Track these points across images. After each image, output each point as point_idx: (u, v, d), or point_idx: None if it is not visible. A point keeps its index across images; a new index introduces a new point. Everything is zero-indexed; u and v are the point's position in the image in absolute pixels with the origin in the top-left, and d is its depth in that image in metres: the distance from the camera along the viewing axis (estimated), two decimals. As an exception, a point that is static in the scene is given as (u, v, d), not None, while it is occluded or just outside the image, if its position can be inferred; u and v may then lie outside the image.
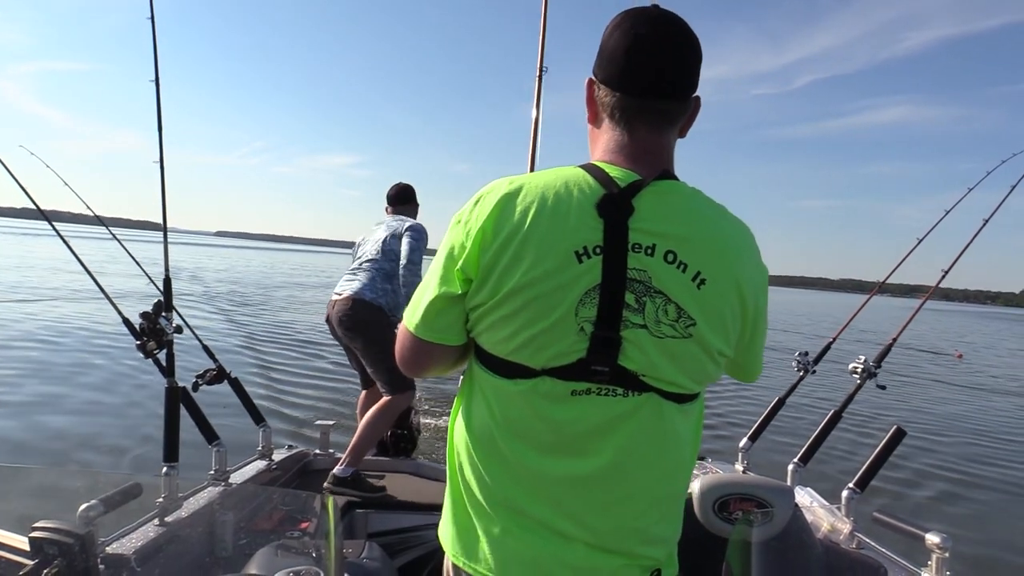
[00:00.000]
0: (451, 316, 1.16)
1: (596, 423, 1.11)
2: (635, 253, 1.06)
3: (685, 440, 1.17)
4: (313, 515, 1.86)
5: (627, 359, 1.07)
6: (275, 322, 15.49)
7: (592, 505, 1.13)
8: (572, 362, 1.08)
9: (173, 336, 2.44)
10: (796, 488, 2.91)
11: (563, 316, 1.06)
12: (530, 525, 1.14)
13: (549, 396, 1.10)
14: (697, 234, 1.09)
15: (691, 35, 1.12)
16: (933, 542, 2.04)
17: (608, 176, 1.10)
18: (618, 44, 1.11)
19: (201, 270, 31.19)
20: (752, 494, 1.71)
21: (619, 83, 1.12)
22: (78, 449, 5.90)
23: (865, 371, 2.96)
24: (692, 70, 1.13)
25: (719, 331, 1.11)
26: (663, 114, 1.13)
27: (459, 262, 1.11)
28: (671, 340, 1.07)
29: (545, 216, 1.07)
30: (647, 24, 1.11)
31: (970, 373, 18.70)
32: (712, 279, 1.08)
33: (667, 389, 1.11)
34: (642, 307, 1.06)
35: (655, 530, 1.17)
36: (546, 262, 1.06)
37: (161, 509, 2.24)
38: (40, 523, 1.42)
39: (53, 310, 13.97)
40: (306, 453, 3.70)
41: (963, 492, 6.99)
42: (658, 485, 1.17)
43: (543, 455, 1.13)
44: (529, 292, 1.06)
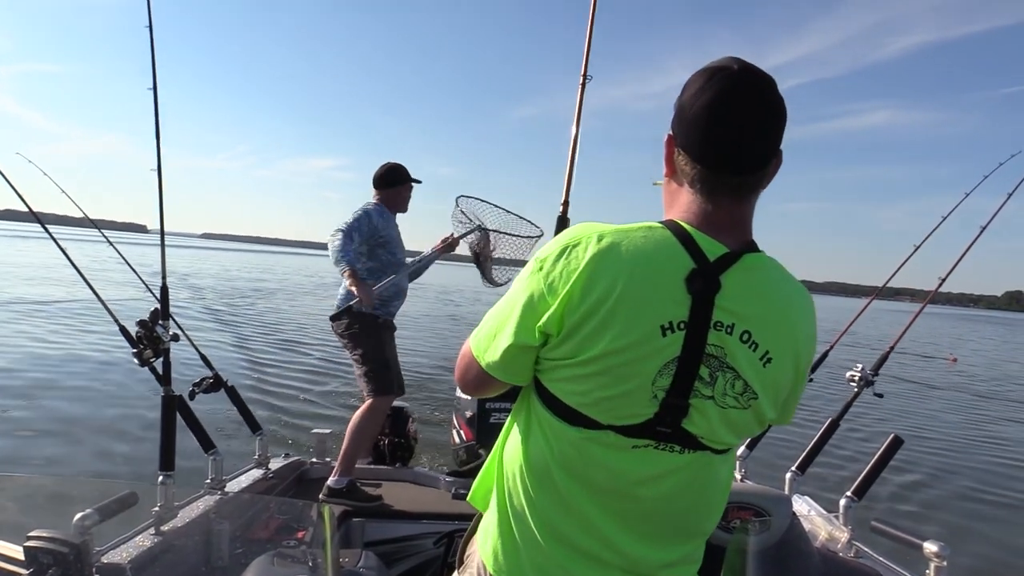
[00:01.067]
0: (523, 361, 1.18)
1: (651, 474, 1.15)
2: (716, 331, 1.08)
3: (725, 484, 1.25)
4: (310, 524, 1.85)
5: (691, 424, 1.11)
6: (271, 329, 15.47)
7: (634, 539, 1.18)
8: (639, 423, 1.11)
9: (170, 344, 2.44)
10: (794, 497, 2.91)
11: (640, 385, 1.08)
12: (572, 553, 1.18)
13: (610, 447, 1.14)
14: (770, 315, 1.12)
15: (774, 100, 1.09)
16: (931, 551, 2.04)
17: (696, 246, 1.10)
18: (699, 114, 1.08)
19: (192, 275, 31.17)
20: (750, 503, 1.72)
21: (699, 155, 1.10)
22: (73, 457, 5.87)
23: (863, 379, 2.96)
24: (776, 140, 1.11)
25: (774, 402, 1.16)
26: (747, 186, 1.12)
27: (541, 317, 1.11)
28: (733, 411, 1.12)
29: (635, 286, 1.07)
30: (729, 94, 1.07)
31: (964, 378, 18.74)
32: (777, 358, 1.12)
33: (719, 447, 1.16)
34: (714, 381, 1.10)
35: (692, 554, 1.26)
36: (632, 333, 1.07)
37: (157, 518, 2.23)
38: (35, 532, 1.41)
39: (48, 317, 13.94)
40: (303, 462, 3.69)
41: (961, 501, 6.99)
42: (698, 522, 1.24)
43: (595, 495, 1.17)
44: (612, 360, 1.08)
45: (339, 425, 6.55)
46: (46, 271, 25.40)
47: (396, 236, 3.70)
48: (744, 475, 3.32)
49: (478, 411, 3.76)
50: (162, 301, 2.47)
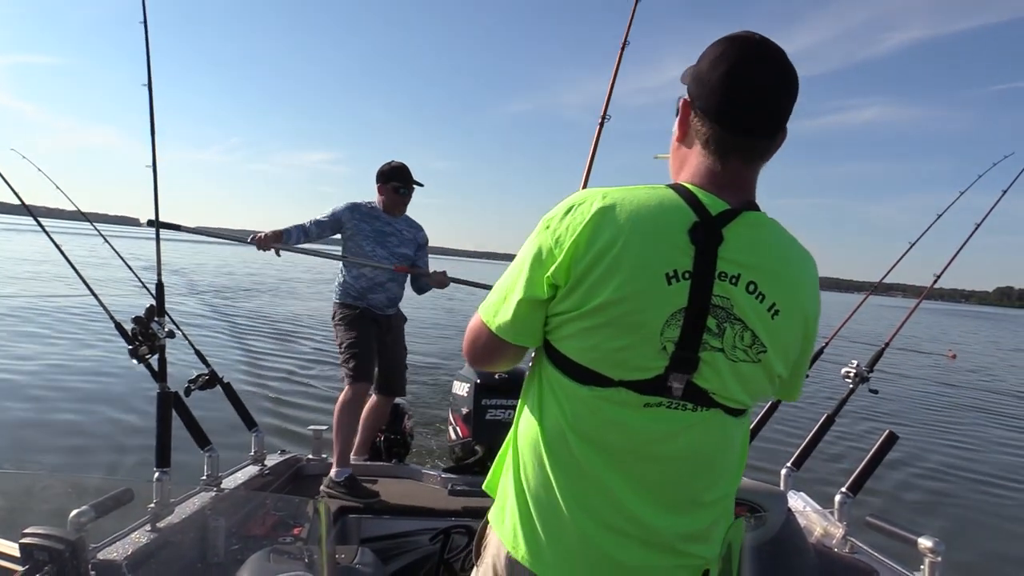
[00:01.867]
0: (534, 319, 1.19)
1: (665, 432, 1.15)
2: (720, 281, 1.10)
3: (739, 447, 1.25)
4: (306, 520, 1.85)
5: (702, 379, 1.12)
6: (267, 325, 15.44)
7: (650, 506, 1.17)
8: (650, 378, 1.12)
9: (165, 341, 2.43)
10: (789, 492, 2.92)
11: (648, 335, 1.10)
12: (590, 523, 1.17)
13: (623, 405, 1.14)
14: (776, 267, 1.14)
15: (792, 72, 1.15)
16: (926, 546, 2.05)
17: (699, 202, 1.13)
18: (720, 77, 1.12)
19: (183, 269, 31.09)
20: (745, 498, 1.72)
21: (717, 117, 1.14)
22: (69, 454, 5.86)
23: (858, 376, 2.97)
24: (788, 109, 1.16)
25: (783, 358, 1.18)
26: (757, 150, 1.17)
27: (548, 269, 1.14)
28: (743, 364, 1.13)
29: (639, 235, 1.10)
30: (751, 60, 1.12)
31: (963, 374, 18.79)
32: (784, 311, 1.14)
33: (731, 405, 1.16)
34: (722, 332, 1.11)
35: (707, 531, 1.22)
36: (638, 282, 1.09)
37: (153, 515, 2.23)
38: (30, 529, 1.41)
39: (43, 312, 13.90)
40: (299, 458, 3.68)
41: (956, 496, 7.01)
42: (713, 488, 1.21)
43: (610, 459, 1.17)
44: (618, 308, 1.10)
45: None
46: (35, 265, 25.31)
47: (370, 231, 3.75)
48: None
49: (474, 408, 3.76)
50: (158, 298, 2.46)
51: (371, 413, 3.91)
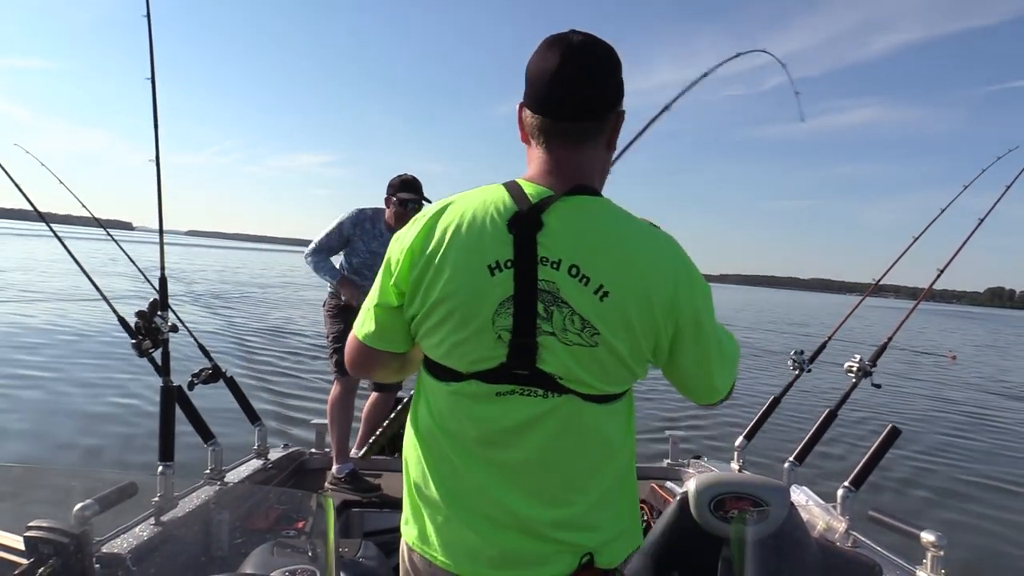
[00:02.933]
0: (392, 325, 1.27)
1: (519, 420, 1.18)
2: (543, 266, 1.14)
3: (610, 436, 1.24)
4: (309, 514, 1.86)
5: (543, 363, 1.16)
6: (269, 321, 15.47)
7: (518, 495, 1.21)
8: (494, 367, 1.17)
9: (169, 335, 2.43)
10: (791, 487, 2.92)
11: (481, 326, 1.16)
12: (465, 514, 1.22)
13: (475, 397, 1.20)
14: (601, 249, 1.15)
15: (605, 59, 1.18)
16: (928, 540, 2.05)
17: (523, 193, 1.18)
18: (536, 69, 1.19)
19: (178, 273, 31.13)
20: (748, 493, 1.72)
21: (537, 106, 1.19)
22: (73, 448, 5.88)
23: (861, 370, 2.96)
24: (603, 91, 1.19)
25: (625, 341, 1.16)
26: (577, 133, 1.19)
27: (393, 277, 1.23)
28: (579, 348, 1.15)
29: (462, 233, 1.17)
30: (562, 50, 1.16)
31: (963, 373, 18.78)
32: (615, 292, 1.13)
33: (584, 391, 1.18)
34: (550, 316, 1.14)
35: (584, 519, 1.23)
36: (462, 276, 1.16)
37: (157, 508, 2.24)
38: (35, 522, 1.41)
39: (46, 308, 13.92)
40: (302, 452, 3.69)
41: (958, 491, 7.01)
42: (581, 477, 1.22)
43: (474, 451, 1.22)
44: (450, 303, 1.17)
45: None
46: (34, 263, 25.37)
47: (365, 251, 3.70)
48: (742, 465, 3.33)
49: None
50: (161, 292, 2.46)
51: (371, 409, 3.92)
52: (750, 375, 13.51)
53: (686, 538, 1.78)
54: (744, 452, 3.34)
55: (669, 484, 3.46)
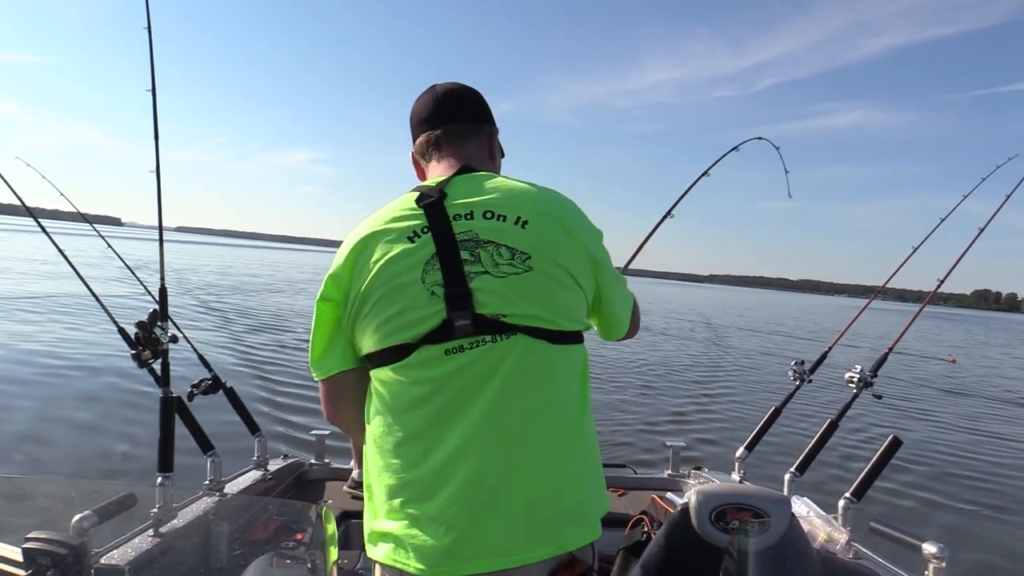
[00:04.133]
0: (335, 343, 1.36)
1: (474, 372, 1.20)
2: (456, 221, 1.26)
3: (567, 372, 1.26)
4: (309, 525, 1.85)
5: (481, 305, 1.21)
6: (271, 329, 15.45)
7: (484, 462, 1.19)
8: (438, 324, 1.21)
9: (168, 346, 2.43)
10: (793, 498, 2.91)
11: (415, 288, 1.23)
12: (434, 503, 1.20)
13: (428, 362, 1.22)
14: (505, 195, 1.30)
15: (462, 87, 1.49)
16: (930, 552, 2.04)
17: (424, 186, 1.36)
18: (417, 107, 1.47)
19: (171, 268, 31.10)
20: (748, 504, 1.71)
21: (427, 126, 1.45)
22: (71, 459, 5.86)
23: (861, 381, 2.96)
24: (469, 102, 1.47)
25: (555, 261, 1.25)
26: (457, 132, 1.44)
27: (328, 291, 1.35)
28: (514, 277, 1.22)
29: (378, 226, 1.31)
30: (432, 88, 1.48)
31: (963, 377, 18.74)
32: (533, 219, 1.26)
33: (532, 325, 1.22)
34: (478, 258, 1.23)
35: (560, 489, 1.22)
36: (386, 252, 1.26)
37: (155, 519, 2.23)
38: (33, 534, 1.41)
39: (44, 316, 13.92)
40: (302, 463, 3.68)
41: (960, 502, 6.98)
42: (544, 430, 1.22)
43: (433, 422, 1.21)
44: (380, 281, 1.25)
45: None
46: (28, 265, 25.35)
47: None
48: (743, 476, 3.32)
49: None
50: (161, 302, 2.46)
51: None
52: (751, 385, 13.49)
53: (687, 549, 1.77)
54: (745, 463, 3.33)
55: (669, 495, 3.44)
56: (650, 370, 14.08)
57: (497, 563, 1.17)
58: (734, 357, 18.65)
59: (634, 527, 2.46)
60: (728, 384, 13.34)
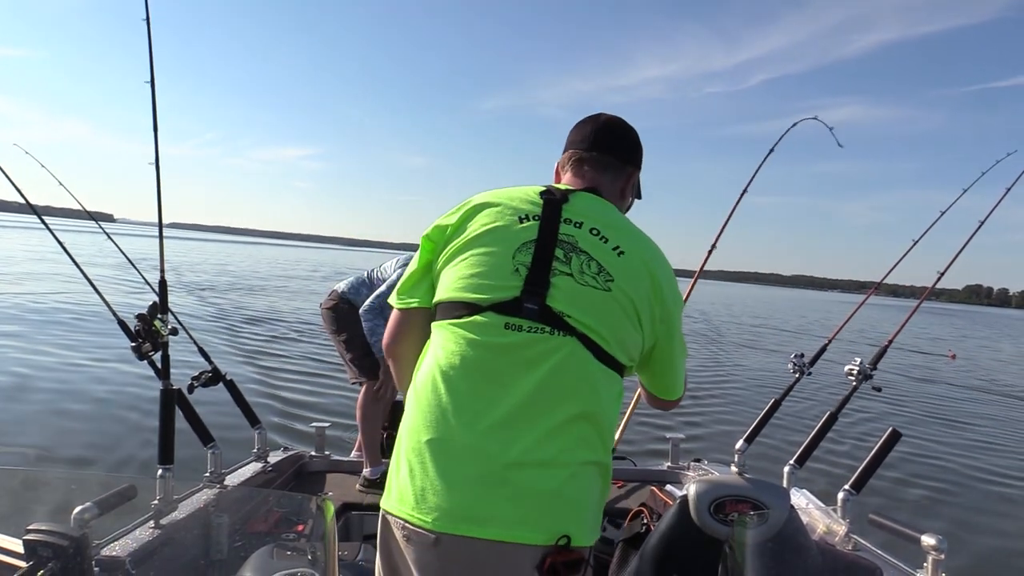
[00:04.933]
0: (420, 280, 1.49)
1: (526, 355, 1.30)
2: (566, 225, 1.39)
3: (603, 391, 1.33)
4: (309, 517, 1.85)
5: (553, 300, 1.32)
6: (271, 321, 15.46)
7: (510, 427, 1.26)
8: (509, 299, 1.32)
9: (169, 338, 2.43)
10: (792, 490, 2.91)
11: (502, 257, 1.36)
12: (435, 461, 1.27)
13: (486, 329, 1.32)
14: (614, 223, 1.43)
15: (624, 125, 1.61)
16: (929, 544, 2.04)
17: (553, 187, 1.51)
18: (580, 126, 1.61)
19: (175, 267, 31.12)
20: (748, 496, 1.72)
21: (578, 143, 1.59)
22: (72, 451, 5.88)
23: (861, 373, 2.96)
24: (622, 142, 1.60)
25: (633, 294, 1.35)
26: (601, 162, 1.57)
27: (435, 232, 1.48)
28: (592, 289, 1.33)
29: (501, 198, 1.45)
30: (599, 117, 1.63)
31: (963, 372, 18.76)
32: (628, 253, 1.38)
33: (588, 335, 1.32)
34: (569, 261, 1.35)
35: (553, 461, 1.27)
36: (495, 221, 1.41)
37: (156, 511, 2.24)
38: (34, 525, 1.41)
39: (42, 310, 13.92)
40: (302, 455, 3.69)
41: (959, 494, 7.01)
42: (571, 432, 1.29)
43: (476, 384, 1.30)
44: (481, 238, 1.39)
45: (338, 418, 6.57)
46: (22, 260, 25.34)
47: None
48: (742, 468, 3.33)
49: None
50: (161, 295, 2.46)
51: (367, 412, 3.81)
52: (750, 378, 13.51)
53: (686, 541, 1.77)
54: (744, 455, 3.33)
55: (669, 487, 3.45)
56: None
57: (495, 533, 1.23)
58: (732, 351, 18.67)
59: (634, 519, 2.46)
60: (728, 377, 13.36)
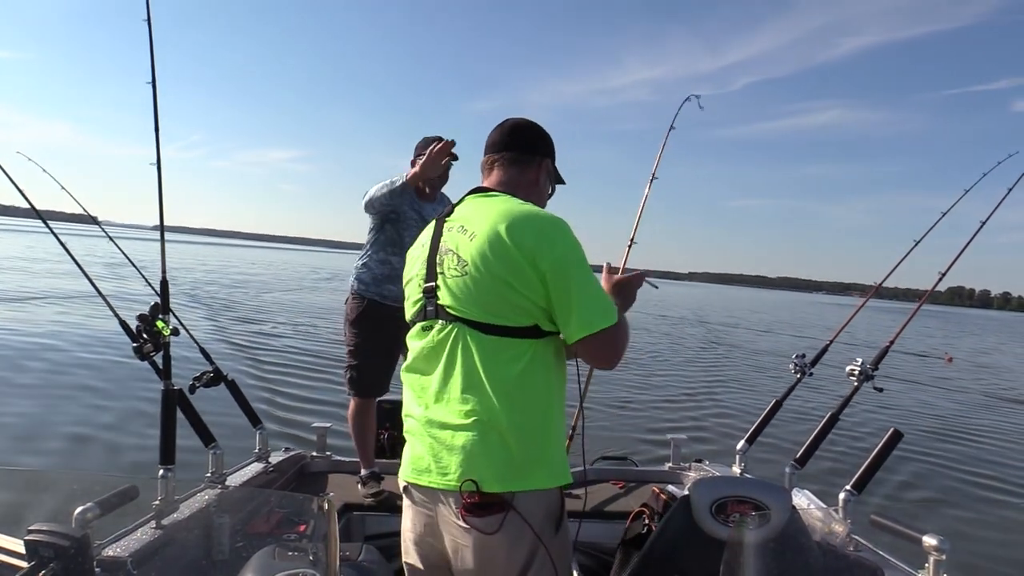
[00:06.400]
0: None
1: (433, 344, 1.66)
2: (447, 233, 1.69)
3: (499, 364, 1.58)
4: (311, 517, 1.85)
5: (440, 298, 1.64)
6: (272, 322, 15.47)
7: (429, 404, 1.66)
8: (420, 308, 1.70)
9: (170, 338, 2.43)
10: (793, 490, 2.91)
11: (414, 279, 1.74)
12: (410, 431, 1.73)
13: (416, 335, 1.72)
14: (482, 213, 1.66)
15: (526, 123, 1.88)
16: (930, 544, 2.04)
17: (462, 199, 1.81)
18: (490, 133, 1.89)
19: (156, 265, 31.08)
20: (749, 496, 1.72)
21: (489, 149, 1.86)
22: (74, 451, 5.88)
23: (862, 374, 2.96)
24: (525, 138, 1.85)
25: (492, 271, 1.56)
26: (508, 160, 1.83)
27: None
28: (456, 279, 1.61)
29: (423, 235, 1.83)
30: (501, 122, 1.89)
31: (960, 373, 18.74)
32: (481, 233, 1.60)
33: (467, 317, 1.59)
34: (442, 263, 1.66)
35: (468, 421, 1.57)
36: (413, 251, 1.82)
37: (157, 512, 2.23)
38: (36, 526, 1.41)
39: (45, 311, 13.93)
40: (303, 455, 3.68)
41: (960, 494, 7.00)
42: (471, 393, 1.58)
43: (415, 372, 1.72)
44: (409, 270, 1.80)
45: (339, 419, 6.57)
46: (30, 264, 25.36)
47: (410, 216, 3.29)
48: (744, 469, 3.33)
49: None
50: (162, 295, 2.47)
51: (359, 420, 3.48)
52: (751, 379, 13.50)
53: (688, 542, 1.77)
54: (746, 455, 3.33)
55: (670, 488, 3.45)
56: (648, 365, 14.10)
57: (424, 480, 1.63)
58: (730, 352, 18.66)
59: (635, 520, 2.46)
60: (729, 377, 13.36)
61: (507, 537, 1.54)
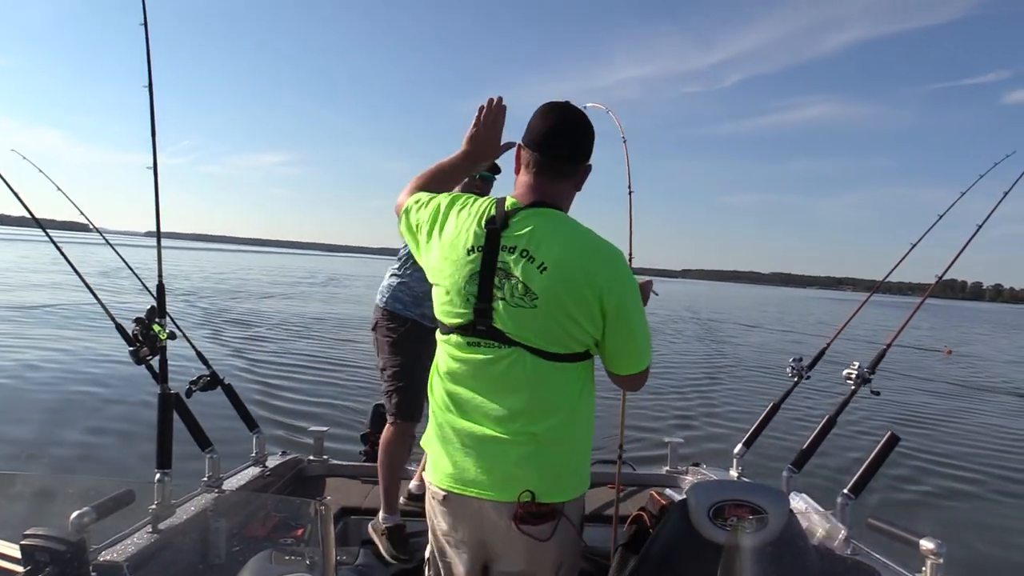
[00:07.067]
0: None
1: (483, 363, 1.64)
2: (503, 252, 1.61)
3: (554, 386, 1.64)
4: (307, 522, 1.85)
5: (496, 321, 1.61)
6: (269, 326, 15.44)
7: (475, 420, 1.66)
8: (466, 323, 1.64)
9: (167, 342, 2.43)
10: (791, 494, 2.91)
11: (457, 291, 1.65)
12: (451, 440, 1.69)
13: (458, 345, 1.67)
14: (548, 240, 1.60)
15: (578, 119, 1.69)
16: (927, 548, 2.04)
17: (503, 204, 1.67)
18: (537, 122, 1.69)
19: (151, 271, 31.04)
20: (747, 500, 1.72)
21: (531, 144, 1.69)
22: (70, 456, 5.86)
23: (859, 377, 2.96)
24: (578, 143, 1.69)
25: (561, 305, 1.58)
26: (553, 168, 1.69)
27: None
28: (521, 309, 1.59)
29: (460, 220, 1.69)
30: (552, 110, 1.69)
31: (962, 370, 18.75)
32: (553, 267, 1.58)
33: (529, 344, 1.60)
34: (503, 287, 1.60)
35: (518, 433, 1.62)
36: (451, 253, 1.67)
37: (154, 516, 2.23)
38: (32, 530, 1.41)
39: (40, 316, 13.90)
40: (300, 459, 3.68)
41: (958, 498, 7.00)
42: (526, 412, 1.62)
43: (457, 386, 1.69)
44: (444, 269, 1.68)
45: (336, 424, 6.56)
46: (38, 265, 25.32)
47: None
48: (741, 473, 3.33)
49: None
50: (158, 299, 2.46)
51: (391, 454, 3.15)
52: (748, 383, 13.51)
53: (685, 545, 1.77)
54: (743, 459, 3.33)
55: (668, 491, 3.45)
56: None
57: (472, 491, 1.65)
58: (729, 351, 18.67)
59: (632, 523, 2.46)
60: (726, 380, 13.36)
61: (557, 541, 1.65)
